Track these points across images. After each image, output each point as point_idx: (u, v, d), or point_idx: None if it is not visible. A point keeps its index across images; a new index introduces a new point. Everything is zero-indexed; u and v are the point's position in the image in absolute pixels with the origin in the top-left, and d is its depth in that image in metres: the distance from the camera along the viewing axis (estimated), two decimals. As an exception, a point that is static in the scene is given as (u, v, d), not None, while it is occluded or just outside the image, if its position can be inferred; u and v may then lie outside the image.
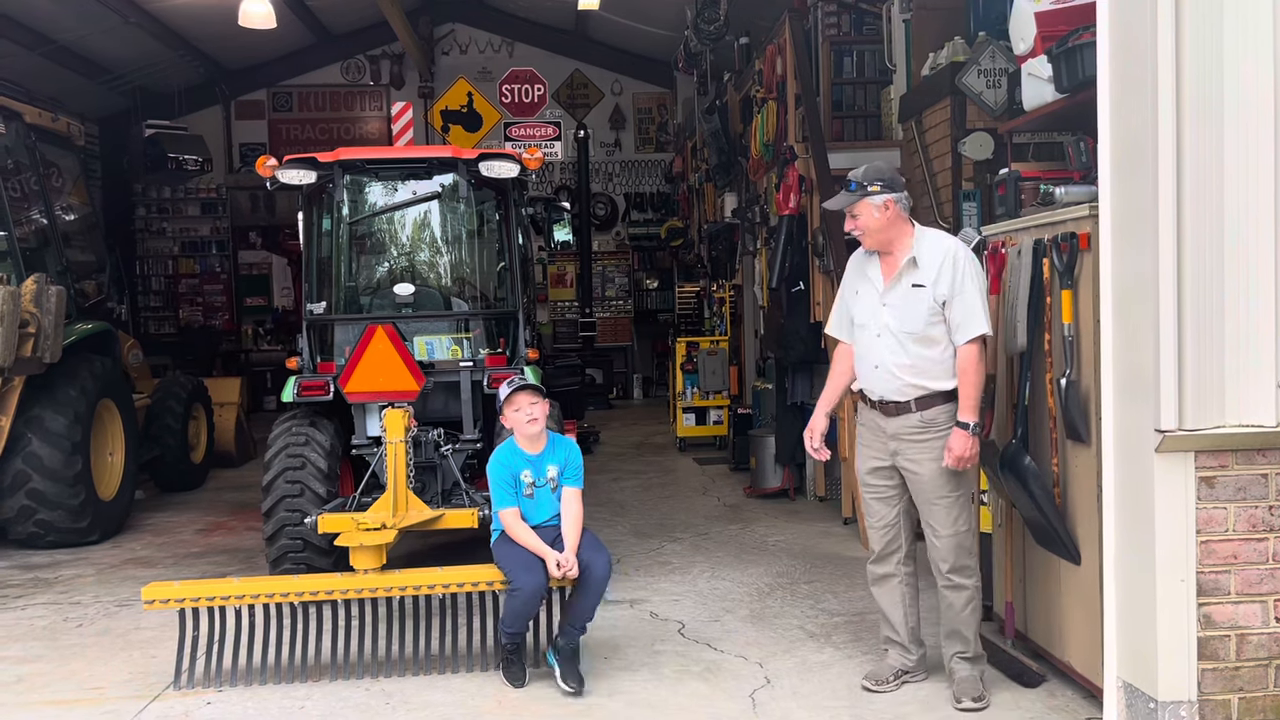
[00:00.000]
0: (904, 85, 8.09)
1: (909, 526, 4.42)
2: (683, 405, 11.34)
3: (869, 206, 4.19)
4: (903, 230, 4.23)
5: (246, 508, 8.38)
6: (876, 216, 4.19)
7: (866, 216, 4.21)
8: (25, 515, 7.31)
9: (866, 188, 4.19)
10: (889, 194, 4.18)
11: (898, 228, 4.22)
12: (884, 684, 4.41)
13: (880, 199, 4.18)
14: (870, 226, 4.22)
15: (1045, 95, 5.08)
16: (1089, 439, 4.05)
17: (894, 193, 4.19)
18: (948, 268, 4.12)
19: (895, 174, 4.33)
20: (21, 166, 8.10)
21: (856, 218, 4.24)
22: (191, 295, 16.64)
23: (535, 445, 4.72)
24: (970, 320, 4.11)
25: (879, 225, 4.20)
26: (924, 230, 4.29)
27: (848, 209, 4.25)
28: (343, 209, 6.71)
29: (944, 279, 4.12)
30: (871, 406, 4.35)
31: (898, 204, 4.20)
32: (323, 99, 16.94)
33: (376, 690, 4.61)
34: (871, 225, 4.21)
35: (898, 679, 4.44)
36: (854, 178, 4.25)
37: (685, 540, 7.26)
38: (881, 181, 4.19)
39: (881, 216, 4.19)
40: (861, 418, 4.45)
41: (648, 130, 17.58)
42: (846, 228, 4.32)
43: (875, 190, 4.17)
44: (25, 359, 7.10)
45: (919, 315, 4.15)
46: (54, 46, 12.68)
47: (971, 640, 4.30)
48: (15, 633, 5.63)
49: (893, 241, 4.23)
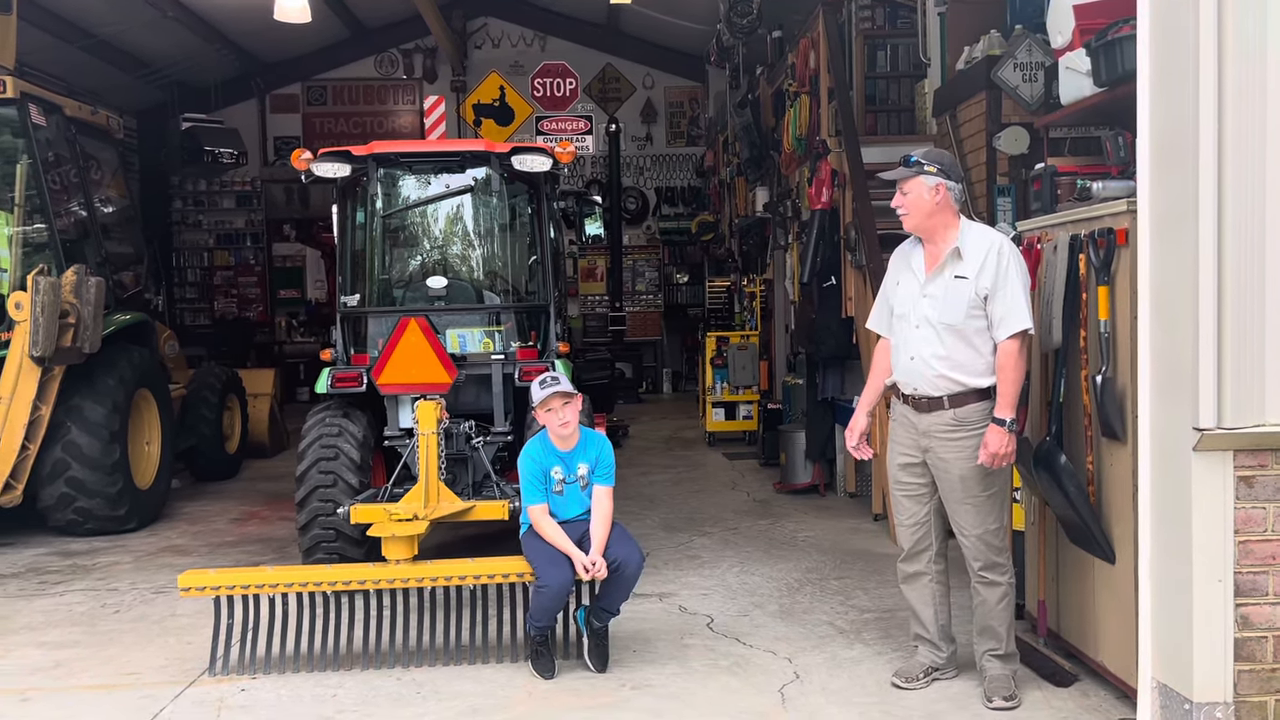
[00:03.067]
0: (938, 79, 8.02)
1: (940, 525, 4.39)
2: (712, 400, 11.32)
3: (921, 185, 4.16)
4: (948, 220, 4.20)
5: (280, 498, 8.47)
6: (926, 198, 4.16)
7: (916, 195, 4.18)
8: (65, 503, 7.44)
9: (924, 166, 4.17)
10: (943, 180, 4.15)
11: (943, 216, 4.18)
12: (914, 681, 4.39)
13: (934, 181, 4.15)
14: (917, 206, 4.18)
15: (1083, 89, 5.03)
16: (1125, 437, 4.01)
17: (949, 180, 4.17)
18: (991, 261, 4.09)
19: (956, 165, 4.32)
20: (62, 159, 8.21)
21: (906, 194, 4.20)
22: (226, 287, 16.83)
23: (567, 443, 4.74)
24: (1013, 315, 4.07)
25: (926, 208, 4.17)
26: (970, 223, 4.26)
27: (900, 182, 4.22)
28: (376, 202, 6.75)
29: (987, 272, 4.08)
30: (904, 401, 4.33)
31: (950, 192, 4.17)
32: (356, 93, 17.06)
33: (408, 679, 4.65)
34: (919, 205, 4.18)
35: (928, 676, 4.42)
36: (915, 155, 4.23)
37: (714, 535, 7.26)
38: (940, 166, 4.18)
39: (930, 199, 4.16)
40: (894, 413, 4.43)
41: (679, 124, 17.55)
42: (894, 203, 4.27)
43: (931, 171, 4.15)
44: (65, 349, 7.21)
45: (959, 307, 4.12)
46: (93, 41, 12.85)
47: (1005, 638, 4.27)
48: (54, 618, 5.73)
49: (935, 230, 4.20)
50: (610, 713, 4.27)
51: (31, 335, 6.91)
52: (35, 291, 6.90)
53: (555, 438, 4.74)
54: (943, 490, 4.29)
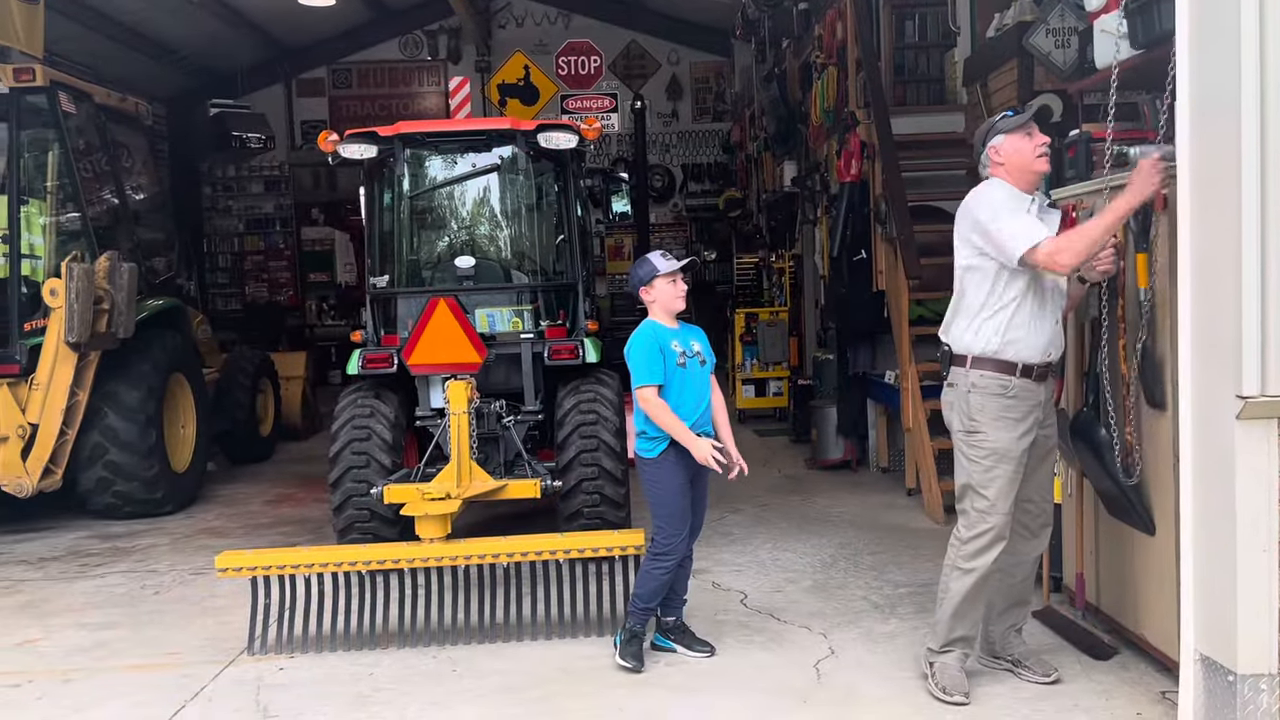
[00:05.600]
0: (968, 48, 7.90)
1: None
2: (741, 377, 11.27)
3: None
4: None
5: (313, 479, 8.54)
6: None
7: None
8: (103, 486, 7.54)
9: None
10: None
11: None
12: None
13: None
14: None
15: (1119, 52, 4.91)
16: (1165, 406, 3.94)
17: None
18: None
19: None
20: (92, 147, 8.27)
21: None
22: (257, 272, 16.93)
23: (674, 322, 4.51)
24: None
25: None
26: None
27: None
28: (403, 183, 6.75)
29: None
30: (1024, 374, 3.97)
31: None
32: (381, 75, 17.06)
33: (443, 658, 4.67)
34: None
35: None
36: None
37: (746, 511, 7.24)
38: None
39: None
40: (1010, 392, 3.99)
41: (705, 100, 17.41)
42: (1044, 148, 4.06)
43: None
44: (100, 334, 7.29)
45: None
46: (121, 28, 12.92)
47: (1030, 605, 4.23)
48: (96, 600, 5.81)
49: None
50: (645, 689, 4.27)
51: (67, 321, 6.99)
52: (69, 278, 6.97)
53: (665, 315, 4.47)
54: (1037, 461, 4.08)
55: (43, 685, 4.57)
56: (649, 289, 4.48)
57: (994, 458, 3.94)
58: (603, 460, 5.75)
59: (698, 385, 4.44)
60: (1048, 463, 4.18)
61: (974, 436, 3.98)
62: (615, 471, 5.77)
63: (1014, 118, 4.07)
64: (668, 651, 4.58)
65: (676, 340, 4.43)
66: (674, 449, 4.35)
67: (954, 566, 4.02)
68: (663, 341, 4.40)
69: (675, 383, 4.38)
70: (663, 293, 4.45)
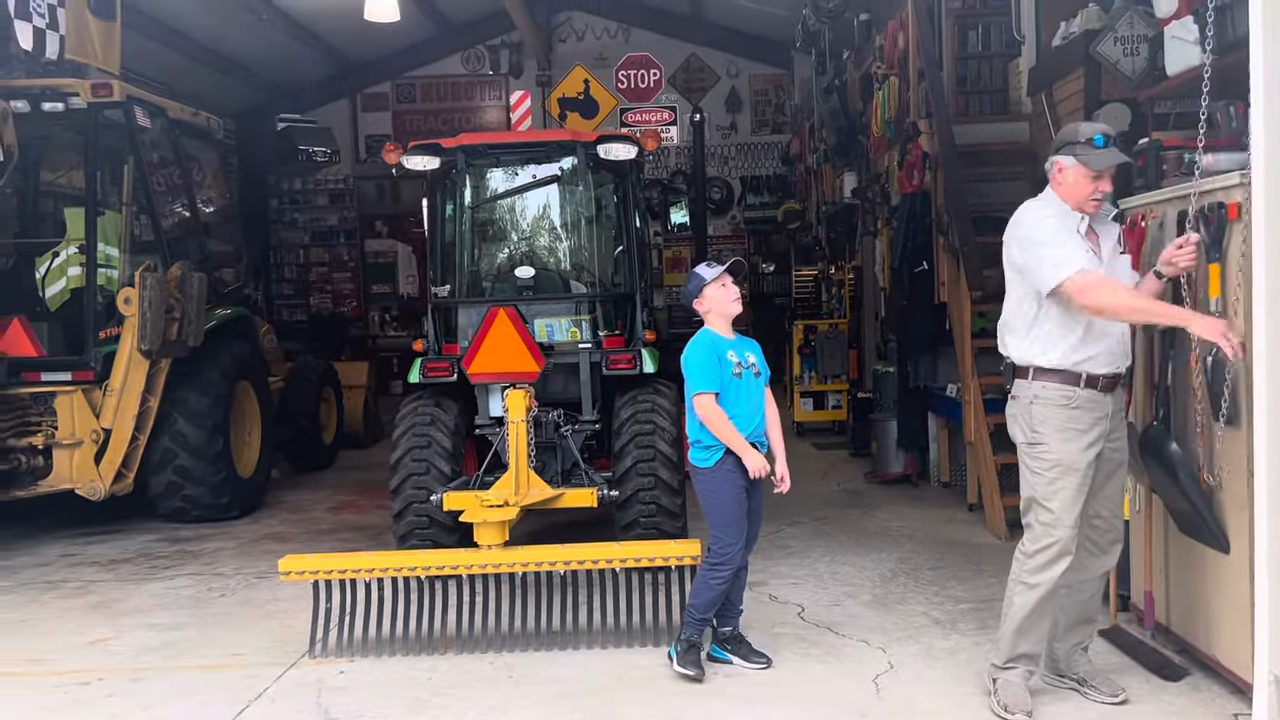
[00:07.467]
0: (1033, 57, 7.79)
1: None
2: (800, 390, 11.20)
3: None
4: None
5: (374, 486, 8.66)
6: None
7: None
8: (173, 491, 7.72)
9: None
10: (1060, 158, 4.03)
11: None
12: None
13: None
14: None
15: (1191, 59, 4.81)
16: (1239, 421, 3.83)
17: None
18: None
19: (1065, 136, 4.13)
20: (166, 160, 8.51)
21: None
22: (321, 283, 17.24)
23: (730, 332, 4.52)
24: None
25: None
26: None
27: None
28: (465, 194, 6.84)
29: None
30: (1089, 385, 3.90)
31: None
32: (444, 89, 17.30)
33: (500, 664, 4.70)
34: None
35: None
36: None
37: (804, 525, 7.18)
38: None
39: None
40: (1074, 403, 3.92)
41: (764, 112, 17.38)
42: (1106, 191, 3.98)
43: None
44: (171, 342, 7.48)
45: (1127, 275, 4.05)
46: (193, 45, 13.28)
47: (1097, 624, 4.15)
48: (164, 601, 5.95)
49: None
50: (701, 698, 4.25)
51: (140, 329, 7.19)
52: (143, 288, 7.17)
53: (722, 322, 4.47)
54: (1105, 476, 4.00)
55: (113, 683, 4.69)
56: (701, 300, 4.51)
57: (1058, 470, 3.86)
58: (659, 470, 5.74)
59: (753, 396, 4.44)
60: (1117, 478, 4.08)
61: (1037, 448, 3.91)
62: (671, 481, 5.76)
63: (1102, 150, 3.91)
64: (723, 663, 4.56)
65: (733, 350, 4.44)
66: (729, 458, 4.35)
67: (1019, 581, 3.95)
68: (719, 350, 4.41)
69: (731, 392, 4.38)
70: (715, 300, 4.48)
